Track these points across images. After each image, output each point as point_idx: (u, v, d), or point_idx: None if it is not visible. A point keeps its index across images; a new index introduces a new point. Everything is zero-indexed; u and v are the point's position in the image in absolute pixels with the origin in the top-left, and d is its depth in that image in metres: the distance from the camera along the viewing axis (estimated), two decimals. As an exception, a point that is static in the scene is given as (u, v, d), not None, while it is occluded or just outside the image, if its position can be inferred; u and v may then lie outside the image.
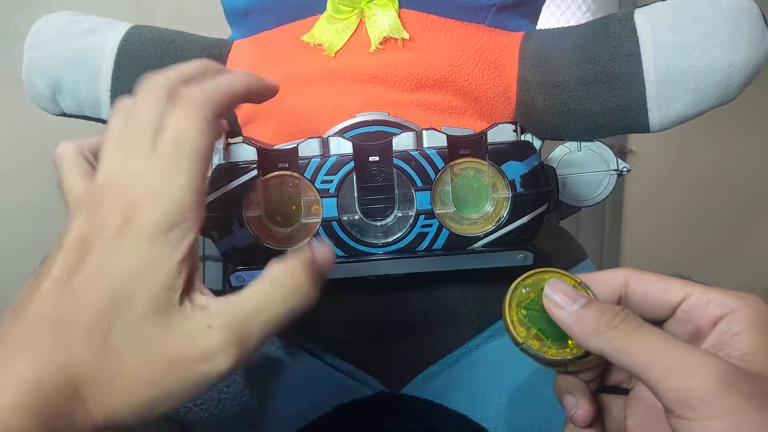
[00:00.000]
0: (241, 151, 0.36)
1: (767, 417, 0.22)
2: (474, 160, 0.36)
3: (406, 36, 0.40)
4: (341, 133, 0.38)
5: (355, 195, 0.36)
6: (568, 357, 0.28)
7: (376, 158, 0.36)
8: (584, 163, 0.42)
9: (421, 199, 0.36)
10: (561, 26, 0.43)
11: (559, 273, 0.30)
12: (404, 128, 0.38)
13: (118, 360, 0.23)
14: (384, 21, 0.39)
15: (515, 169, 0.36)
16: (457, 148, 0.36)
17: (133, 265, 0.23)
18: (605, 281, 0.29)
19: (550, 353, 0.29)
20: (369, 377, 0.43)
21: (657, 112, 0.38)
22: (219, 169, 0.36)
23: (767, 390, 0.23)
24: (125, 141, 0.25)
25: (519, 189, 0.36)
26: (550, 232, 0.44)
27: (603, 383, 0.31)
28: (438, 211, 0.36)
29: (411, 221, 0.36)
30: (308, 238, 0.36)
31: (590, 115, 0.40)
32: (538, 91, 0.40)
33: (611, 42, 0.39)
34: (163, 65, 0.44)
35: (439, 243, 0.36)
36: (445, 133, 0.36)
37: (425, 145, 0.36)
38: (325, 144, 0.36)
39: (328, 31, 0.40)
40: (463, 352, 0.43)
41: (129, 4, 1.03)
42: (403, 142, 0.36)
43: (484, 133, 0.37)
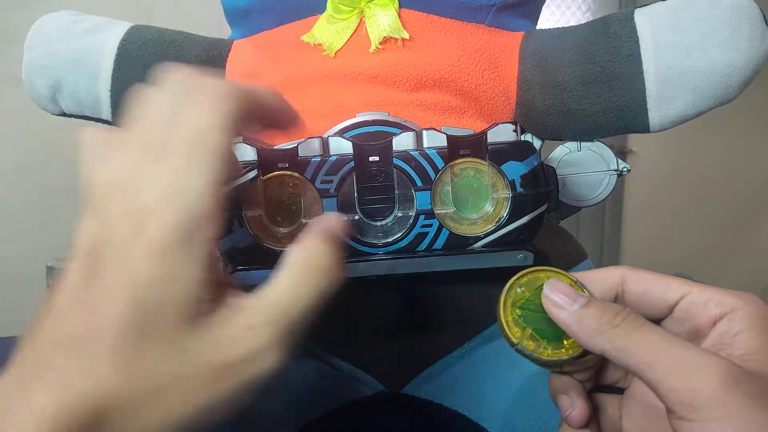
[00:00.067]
0: (241, 151, 0.36)
1: None
2: (474, 160, 0.36)
3: (406, 36, 0.40)
4: (341, 133, 0.38)
5: (355, 195, 0.36)
6: (564, 357, 0.28)
7: (376, 158, 0.36)
8: (584, 163, 0.42)
9: (421, 199, 0.36)
10: (561, 26, 0.43)
11: (555, 271, 0.29)
12: (404, 128, 0.38)
13: (151, 378, 0.21)
14: (384, 21, 0.39)
15: (515, 169, 0.36)
16: (457, 148, 0.36)
17: (154, 276, 0.21)
18: (601, 280, 0.28)
19: (545, 354, 0.28)
20: (369, 377, 0.43)
21: (657, 112, 0.38)
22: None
23: None
24: (139, 135, 0.23)
25: (519, 189, 0.36)
26: (550, 232, 0.44)
27: (598, 382, 0.31)
28: (438, 211, 0.36)
29: (411, 221, 0.36)
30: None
31: (590, 115, 0.40)
32: (538, 91, 0.40)
33: (611, 42, 0.39)
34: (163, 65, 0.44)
35: (439, 243, 0.36)
36: (445, 133, 0.36)
37: (425, 145, 0.36)
38: (325, 144, 0.36)
39: (328, 31, 0.40)
40: (463, 353, 0.43)
41: (129, 4, 1.03)
42: (403, 142, 0.36)
43: (484, 133, 0.37)
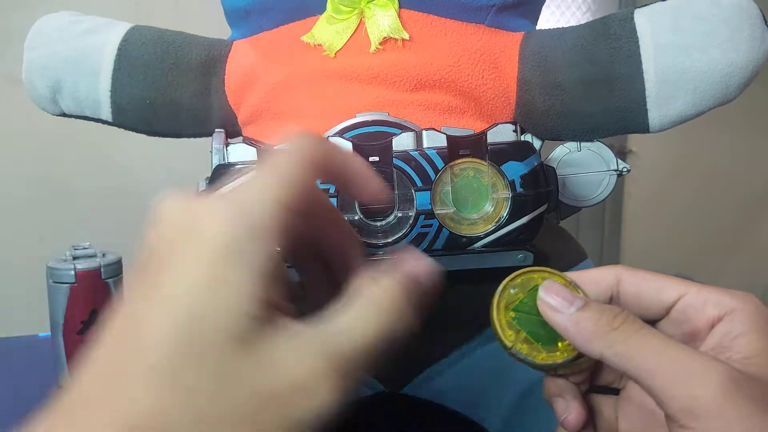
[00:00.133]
0: (241, 151, 0.36)
1: None
2: (474, 160, 0.36)
3: (406, 36, 0.40)
4: (341, 133, 0.38)
5: (355, 195, 0.36)
6: (558, 361, 0.27)
7: (376, 158, 0.36)
8: (584, 163, 0.42)
9: (421, 200, 0.36)
10: (561, 26, 0.43)
11: (549, 272, 0.28)
12: (404, 128, 0.38)
13: (191, 403, 0.18)
14: (384, 21, 0.39)
15: (515, 169, 0.36)
16: (457, 148, 0.36)
17: (201, 287, 0.19)
18: (596, 280, 0.27)
19: (540, 357, 0.27)
20: (369, 377, 0.43)
21: (657, 113, 0.38)
22: (219, 169, 0.36)
23: None
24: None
25: (519, 189, 0.36)
26: (550, 232, 0.44)
27: (593, 383, 0.30)
28: (438, 212, 0.36)
29: (411, 221, 0.36)
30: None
31: (590, 116, 0.40)
32: (538, 92, 0.40)
33: (611, 42, 0.39)
34: (163, 65, 0.44)
35: (439, 243, 0.36)
36: (445, 134, 0.36)
37: (425, 145, 0.36)
38: (325, 144, 0.36)
39: (328, 32, 0.40)
40: (463, 353, 0.43)
41: (129, 4, 1.03)
42: (403, 142, 0.36)
43: (484, 134, 0.37)
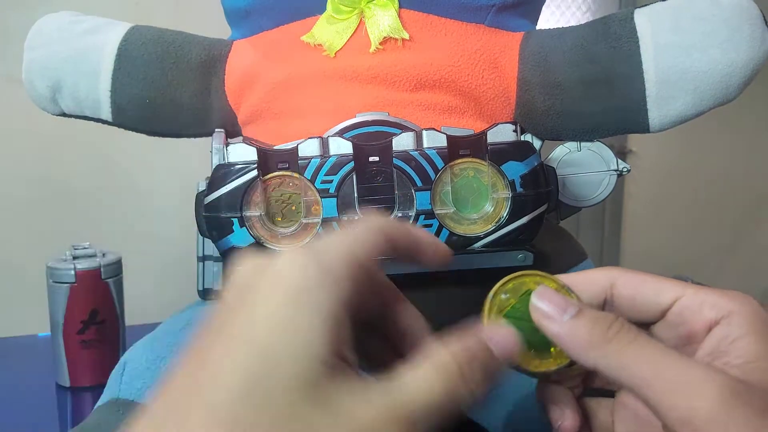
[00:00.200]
0: (241, 151, 0.36)
1: None
2: (474, 160, 0.36)
3: (406, 36, 0.40)
4: (341, 133, 0.38)
5: (355, 195, 0.36)
6: (552, 369, 0.26)
7: (376, 158, 0.36)
8: (584, 163, 0.42)
9: (421, 199, 0.36)
10: (561, 26, 0.43)
11: (541, 275, 0.27)
12: (404, 128, 0.38)
13: None
14: (384, 21, 0.39)
15: (515, 169, 0.36)
16: (457, 148, 0.36)
17: (273, 329, 0.20)
18: (590, 282, 0.27)
19: (533, 365, 0.26)
20: (368, 377, 0.43)
21: (657, 113, 0.38)
22: (219, 169, 0.36)
23: None
24: None
25: (519, 189, 0.36)
26: (550, 232, 0.44)
27: (587, 386, 0.29)
28: (438, 212, 0.36)
29: (411, 221, 0.36)
30: (308, 238, 0.36)
31: (590, 116, 0.40)
32: (538, 91, 0.40)
33: (611, 42, 0.39)
34: (163, 65, 0.44)
35: (439, 243, 0.36)
36: (445, 134, 0.36)
37: (425, 145, 0.36)
38: (325, 144, 0.36)
39: (328, 31, 0.40)
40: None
41: (129, 4, 1.03)
42: (403, 142, 0.36)
43: (484, 134, 0.37)
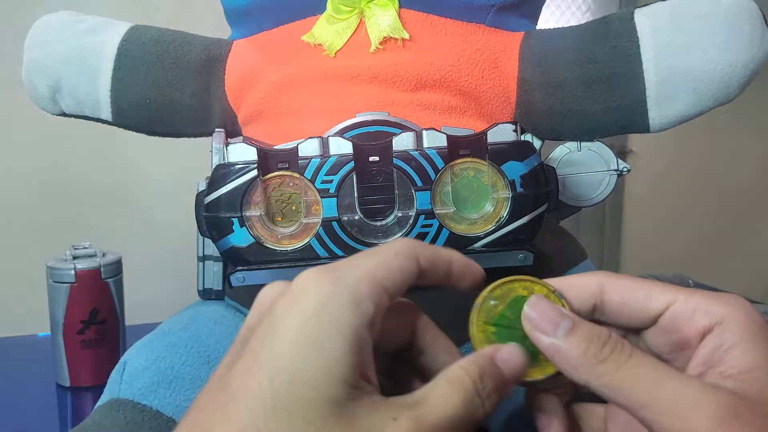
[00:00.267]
0: (241, 151, 0.36)
1: None
2: (474, 160, 0.36)
3: (406, 36, 0.40)
4: (341, 133, 0.38)
5: (355, 195, 0.36)
6: (539, 378, 0.26)
7: (376, 158, 0.36)
8: (584, 163, 0.42)
9: (421, 199, 0.36)
10: (561, 26, 0.43)
11: (530, 281, 0.27)
12: (404, 128, 0.38)
13: None
14: (384, 21, 0.39)
15: (515, 169, 0.36)
16: (457, 148, 0.36)
17: (296, 349, 0.20)
18: (579, 288, 0.26)
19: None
20: None
21: (657, 113, 0.38)
22: (219, 168, 0.36)
23: None
24: None
25: (519, 189, 0.36)
26: (550, 232, 0.44)
27: (579, 391, 0.28)
28: (438, 211, 0.36)
29: (411, 221, 0.36)
30: (309, 238, 0.36)
31: (590, 115, 0.40)
32: (538, 91, 0.40)
33: (611, 42, 0.39)
34: (163, 65, 0.44)
35: (439, 243, 0.36)
36: (445, 133, 0.36)
37: (425, 145, 0.36)
38: (325, 144, 0.36)
39: (328, 31, 0.40)
40: (463, 353, 0.43)
41: (129, 4, 1.03)
42: (403, 142, 0.36)
43: (484, 133, 0.37)
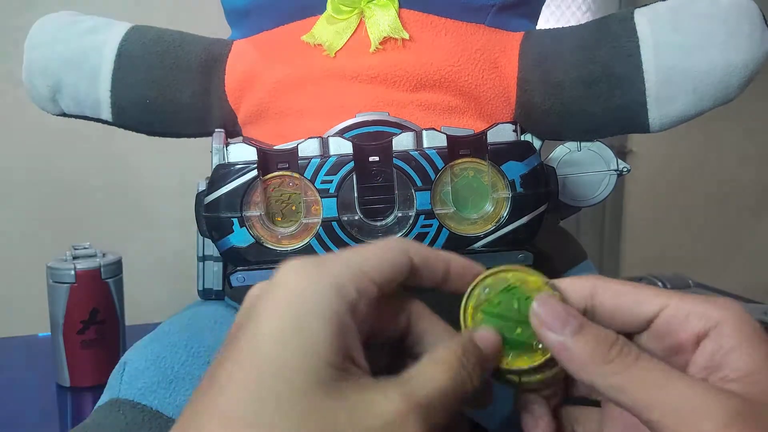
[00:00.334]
0: (241, 151, 0.36)
1: None
2: (474, 160, 0.36)
3: (406, 36, 0.40)
4: (341, 133, 0.38)
5: (355, 195, 0.36)
6: (524, 367, 0.25)
7: (376, 158, 0.36)
8: (584, 163, 0.42)
9: (421, 199, 0.36)
10: (561, 26, 0.43)
11: (522, 271, 0.26)
12: (404, 128, 0.38)
13: None
14: (384, 21, 0.39)
15: (515, 169, 0.36)
16: (457, 148, 0.36)
17: (279, 334, 0.21)
18: (570, 291, 0.26)
19: (504, 362, 0.25)
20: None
21: (657, 113, 0.38)
22: (219, 169, 0.36)
23: None
24: None
25: (519, 189, 0.36)
26: (550, 232, 0.44)
27: (570, 394, 0.28)
28: (438, 211, 0.36)
29: (411, 221, 0.36)
30: (308, 238, 0.36)
31: (590, 115, 0.40)
32: (538, 91, 0.40)
33: (611, 42, 0.39)
34: (163, 65, 0.44)
35: (439, 243, 0.36)
36: (445, 133, 0.36)
37: (425, 145, 0.36)
38: (325, 144, 0.36)
39: (328, 31, 0.40)
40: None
41: (129, 4, 1.03)
42: (403, 142, 0.36)
43: (484, 133, 0.37)
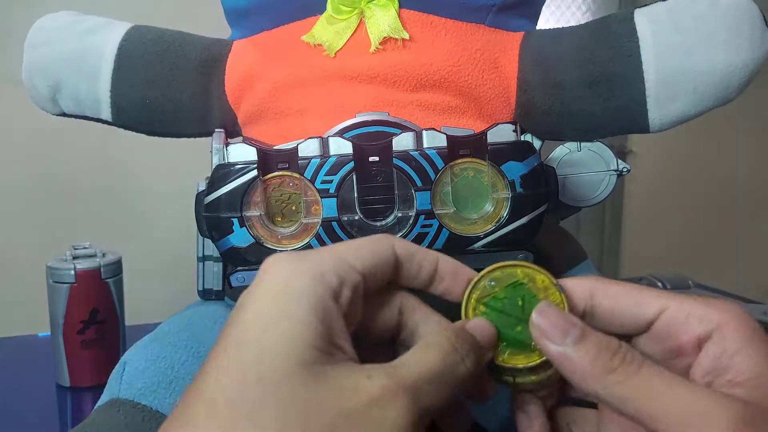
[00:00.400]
0: (241, 151, 0.36)
1: None
2: (474, 160, 0.36)
3: (406, 36, 0.40)
4: (341, 133, 0.38)
5: (355, 195, 0.36)
6: (520, 366, 0.25)
7: (376, 158, 0.36)
8: (584, 164, 0.42)
9: (421, 199, 0.36)
10: (561, 26, 0.43)
11: (532, 268, 0.26)
12: (404, 128, 0.38)
13: (254, 428, 0.19)
14: (384, 21, 0.39)
15: (515, 169, 0.36)
16: (457, 148, 0.36)
17: (263, 320, 0.21)
18: (569, 292, 0.26)
19: (501, 359, 0.25)
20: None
21: (657, 113, 0.38)
22: (219, 169, 0.36)
23: None
24: None
25: (519, 189, 0.36)
26: (550, 232, 0.44)
27: (567, 395, 0.28)
28: (438, 212, 0.36)
29: (411, 221, 0.36)
30: (308, 238, 0.36)
31: (590, 116, 0.40)
32: (538, 91, 0.40)
33: (611, 42, 0.39)
34: (163, 65, 0.44)
35: (439, 243, 0.36)
36: (445, 134, 0.36)
37: (425, 145, 0.36)
38: (325, 144, 0.36)
39: (328, 31, 0.40)
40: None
41: (129, 4, 1.03)
42: (403, 142, 0.36)
43: (484, 134, 0.37)
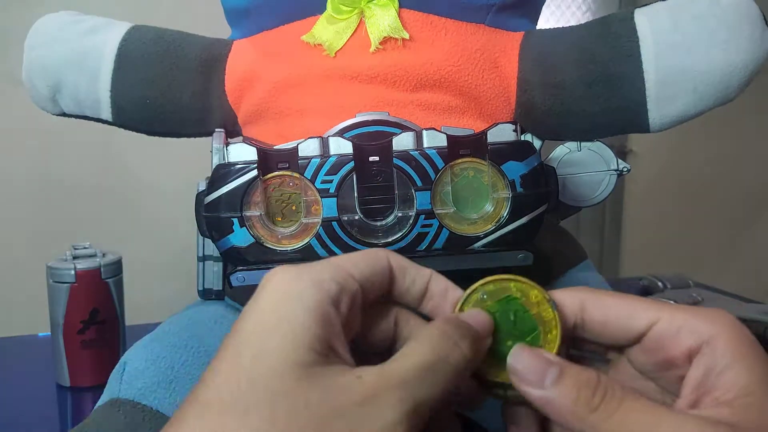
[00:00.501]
0: (241, 151, 0.36)
1: None
2: (474, 160, 0.36)
3: (406, 36, 0.40)
4: (341, 133, 0.38)
5: (355, 195, 0.36)
6: (507, 382, 0.24)
7: (376, 158, 0.36)
8: (584, 163, 0.42)
9: (421, 199, 0.36)
10: (561, 26, 0.43)
11: (527, 283, 0.26)
12: (404, 128, 0.38)
13: (247, 427, 0.20)
14: (384, 21, 0.39)
15: (515, 169, 0.36)
16: (457, 148, 0.36)
17: (261, 325, 0.22)
18: (559, 305, 0.25)
19: (491, 374, 0.25)
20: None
21: (657, 113, 0.38)
22: (219, 169, 0.36)
23: None
24: None
25: (519, 189, 0.36)
26: (550, 232, 0.44)
27: None
28: (438, 211, 0.36)
29: (411, 221, 0.36)
30: (308, 238, 0.36)
31: (590, 115, 0.40)
32: (538, 91, 0.40)
33: (611, 42, 0.39)
34: (163, 65, 0.44)
35: (439, 243, 0.36)
36: (445, 133, 0.36)
37: (425, 145, 0.36)
38: (325, 144, 0.36)
39: (328, 31, 0.40)
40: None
41: (129, 4, 1.03)
42: (403, 142, 0.36)
43: (484, 133, 0.37)
